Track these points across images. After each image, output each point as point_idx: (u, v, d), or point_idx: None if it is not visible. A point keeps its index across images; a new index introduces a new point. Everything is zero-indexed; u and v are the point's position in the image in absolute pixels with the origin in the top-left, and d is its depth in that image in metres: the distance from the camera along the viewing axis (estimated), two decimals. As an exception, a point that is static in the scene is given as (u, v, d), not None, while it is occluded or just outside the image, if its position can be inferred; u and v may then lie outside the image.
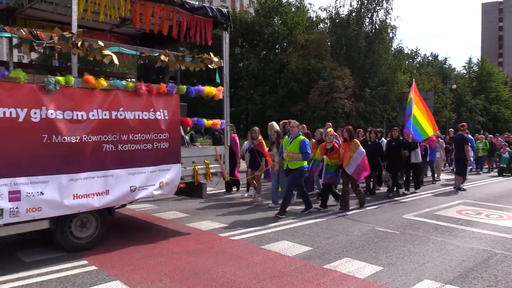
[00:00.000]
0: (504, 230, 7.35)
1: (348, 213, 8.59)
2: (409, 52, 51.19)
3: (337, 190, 9.74)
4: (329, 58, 31.85)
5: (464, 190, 12.10)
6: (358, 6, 34.14)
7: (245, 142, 10.69)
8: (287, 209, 8.18)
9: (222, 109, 7.60)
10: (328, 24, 36.48)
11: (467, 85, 50.05)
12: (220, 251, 5.85)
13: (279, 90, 31.18)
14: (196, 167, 6.78)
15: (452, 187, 12.44)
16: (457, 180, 12.32)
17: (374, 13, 34.24)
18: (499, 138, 21.05)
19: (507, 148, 17.96)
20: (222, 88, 7.23)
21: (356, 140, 9.12)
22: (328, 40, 34.81)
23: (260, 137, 9.98)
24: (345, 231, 7.05)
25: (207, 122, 7.03)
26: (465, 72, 56.03)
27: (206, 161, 6.97)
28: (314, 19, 39.07)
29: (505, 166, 17.49)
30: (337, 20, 34.79)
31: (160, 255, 5.61)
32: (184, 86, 6.59)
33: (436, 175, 14.45)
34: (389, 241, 6.46)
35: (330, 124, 10.87)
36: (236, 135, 10.84)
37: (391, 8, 33.86)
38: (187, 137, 7.09)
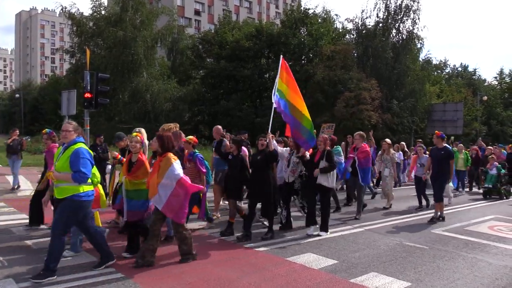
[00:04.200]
0: (540, 247, 7.06)
1: (374, 226, 8.43)
2: (438, 62, 50.34)
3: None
4: (356, 69, 31.62)
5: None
6: (385, 16, 33.88)
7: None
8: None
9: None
10: (355, 35, 36.31)
11: (499, 96, 48.75)
12: (245, 262, 5.84)
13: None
14: None
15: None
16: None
17: (400, 24, 33.90)
18: (503, 150, 16.42)
19: (495, 163, 13.86)
20: None
21: (171, 154, 5.60)
22: (355, 51, 34.61)
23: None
24: (372, 245, 6.92)
25: None
26: (497, 83, 54.64)
27: None
28: (340, 30, 38.98)
29: (491, 186, 13.33)
30: (364, 31, 34.58)
31: (185, 264, 5.62)
32: None
33: (386, 200, 10.82)
34: (418, 256, 6.30)
35: (138, 130, 6.66)
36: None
37: (418, 18, 33.30)
38: None
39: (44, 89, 56.29)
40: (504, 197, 13.26)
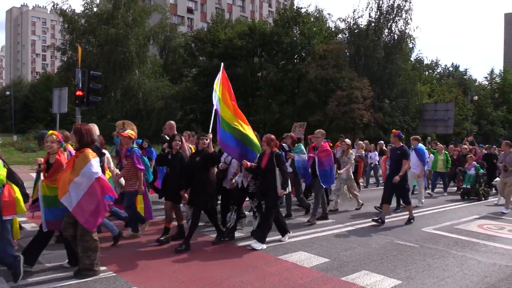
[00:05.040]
0: (528, 246, 7.15)
1: (365, 225, 8.49)
2: (429, 62, 50.60)
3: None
4: (348, 69, 31.74)
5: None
6: (377, 16, 34.03)
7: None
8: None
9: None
10: (347, 35, 36.42)
11: (489, 96, 49.17)
12: (237, 260, 5.86)
13: (297, 99, 31.18)
14: None
15: None
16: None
17: (393, 24, 34.07)
18: (484, 150, 16.45)
19: (473, 163, 13.43)
20: None
21: (89, 150, 4.99)
22: (347, 51, 34.74)
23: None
24: (363, 243, 6.97)
25: None
26: (487, 83, 55.09)
27: None
28: (332, 30, 39.08)
29: (469, 186, 12.93)
30: (356, 31, 34.71)
31: (177, 263, 5.64)
32: None
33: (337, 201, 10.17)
34: (408, 255, 6.36)
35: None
36: None
37: (410, 18, 33.56)
38: None
39: (35, 87, 55.70)
40: (483, 198, 12.82)
